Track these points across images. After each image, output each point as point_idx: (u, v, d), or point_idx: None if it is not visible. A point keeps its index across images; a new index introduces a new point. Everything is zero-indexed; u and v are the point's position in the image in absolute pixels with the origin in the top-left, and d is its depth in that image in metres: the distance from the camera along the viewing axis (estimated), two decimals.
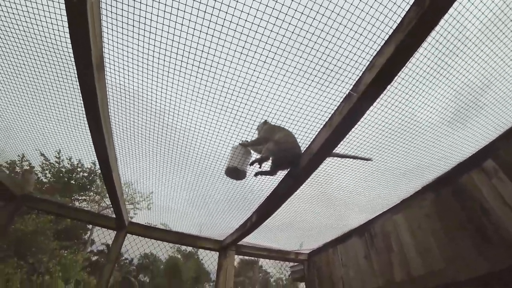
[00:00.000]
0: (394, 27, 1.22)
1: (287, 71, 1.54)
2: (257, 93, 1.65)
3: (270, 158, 1.88)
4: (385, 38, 1.26)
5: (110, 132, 2.06)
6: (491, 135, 2.12)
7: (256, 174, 1.98)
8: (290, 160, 1.84)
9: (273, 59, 1.48)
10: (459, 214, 2.21)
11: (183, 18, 1.35)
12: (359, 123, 1.53)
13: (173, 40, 1.45)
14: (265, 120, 1.92)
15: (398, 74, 1.34)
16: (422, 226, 2.49)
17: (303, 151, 1.81)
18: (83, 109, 1.72)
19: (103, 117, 1.76)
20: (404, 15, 1.17)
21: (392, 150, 2.21)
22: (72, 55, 1.35)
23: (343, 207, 3.11)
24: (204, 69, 1.57)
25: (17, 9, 1.52)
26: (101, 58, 1.50)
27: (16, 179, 3.56)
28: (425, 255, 2.39)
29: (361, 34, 1.37)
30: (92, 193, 16.98)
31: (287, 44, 1.42)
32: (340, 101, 1.51)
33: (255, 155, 2.07)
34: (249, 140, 1.96)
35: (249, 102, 1.70)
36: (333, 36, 1.38)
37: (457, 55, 1.57)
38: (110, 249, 3.33)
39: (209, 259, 3.79)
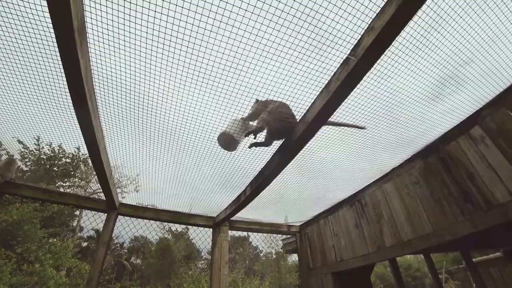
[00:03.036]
0: None
1: (281, 39, 1.48)
2: (244, 65, 1.58)
3: (265, 129, 1.86)
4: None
5: (96, 109, 1.95)
6: (479, 103, 2.17)
7: (251, 146, 1.96)
8: (285, 130, 1.82)
9: (262, 23, 1.40)
10: (446, 180, 2.30)
11: None
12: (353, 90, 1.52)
13: (161, 13, 1.35)
14: (257, 99, 1.88)
15: (396, 38, 1.32)
16: (411, 193, 2.58)
17: (298, 121, 1.79)
18: (65, 83, 1.60)
19: (88, 91, 1.65)
20: None
21: (383, 120, 2.23)
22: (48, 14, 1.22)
23: (333, 178, 3.17)
24: (190, 41, 1.48)
25: None
26: (82, 20, 1.38)
27: None
28: (414, 221, 2.50)
29: None
30: (76, 179, 16.57)
31: (276, 8, 1.35)
32: (337, 66, 1.48)
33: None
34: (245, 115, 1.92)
35: (237, 75, 1.63)
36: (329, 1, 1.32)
37: (449, 25, 1.56)
38: (101, 232, 3.28)
39: (200, 238, 3.83)
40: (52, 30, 1.29)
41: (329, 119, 1.65)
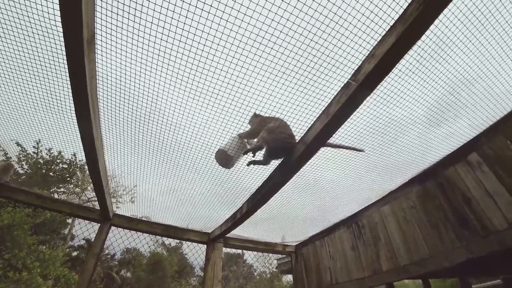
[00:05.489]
0: (395, 18, 1.23)
1: (285, 61, 1.52)
2: (247, 83, 1.62)
3: (264, 148, 1.87)
4: (386, 29, 1.26)
5: (98, 118, 1.97)
6: (477, 130, 2.20)
7: (249, 163, 1.96)
8: (284, 150, 1.83)
9: (266, 46, 1.45)
10: (443, 205, 2.30)
11: (181, 8, 1.30)
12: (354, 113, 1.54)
13: (169, 30, 1.39)
14: (255, 113, 1.90)
15: (396, 66, 1.36)
16: (408, 217, 2.56)
17: (298, 141, 1.81)
18: (69, 90, 1.63)
19: (91, 100, 1.68)
20: (406, 7, 1.18)
21: (381, 143, 2.25)
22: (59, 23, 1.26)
23: (330, 199, 3.15)
24: (196, 59, 1.52)
25: None
26: (92, 30, 1.42)
27: None
28: (410, 245, 2.46)
29: (360, 26, 1.36)
30: (72, 185, 16.40)
31: (281, 32, 1.39)
32: (338, 90, 1.51)
33: (249, 147, 2.05)
34: (243, 132, 1.94)
35: (239, 93, 1.67)
36: (332, 28, 1.37)
37: (445, 54, 1.61)
38: (93, 242, 3.22)
39: (194, 254, 3.75)
40: (62, 36, 1.33)
41: (328, 141, 1.66)
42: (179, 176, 2.71)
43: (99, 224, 3.17)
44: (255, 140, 1.96)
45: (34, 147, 13.07)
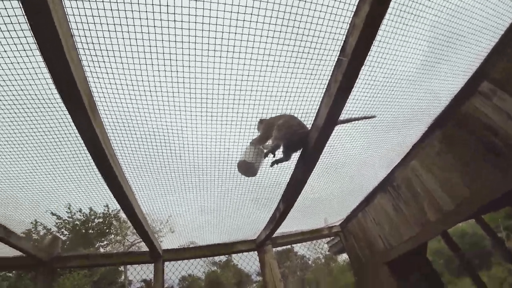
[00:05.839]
0: None
1: (270, 55, 1.56)
2: (252, 89, 1.67)
3: (281, 145, 1.92)
4: None
5: (120, 169, 2.08)
6: (478, 58, 2.16)
7: (272, 164, 2.02)
8: (299, 140, 1.88)
9: (252, 47, 1.49)
10: (469, 141, 2.27)
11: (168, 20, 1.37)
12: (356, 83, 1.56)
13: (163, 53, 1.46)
14: (260, 119, 1.95)
15: (379, 28, 1.37)
16: (438, 164, 2.54)
17: (310, 127, 1.85)
18: (89, 157, 1.73)
19: (110, 157, 1.77)
20: None
21: (390, 102, 2.25)
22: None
23: (358, 170, 3.16)
24: (201, 78, 1.59)
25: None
26: (90, 96, 1.50)
27: (39, 245, 3.58)
28: (450, 189, 2.45)
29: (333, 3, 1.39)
30: (112, 235, 16.99)
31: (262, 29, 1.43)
32: (331, 70, 1.54)
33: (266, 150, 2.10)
34: (254, 139, 2.01)
35: (243, 102, 1.73)
36: (308, 8, 1.40)
37: None
38: (153, 283, 3.36)
39: (247, 262, 3.84)
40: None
41: (338, 119, 1.69)
42: (209, 196, 2.79)
43: (152, 264, 3.32)
44: (269, 142, 2.01)
45: (67, 212, 13.63)
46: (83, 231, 15.00)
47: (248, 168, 2.04)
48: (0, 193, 2.49)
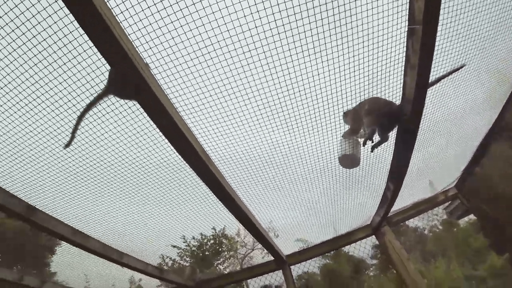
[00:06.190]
0: None
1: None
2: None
3: (376, 129, 1.92)
4: None
5: (235, 192, 2.35)
6: None
7: (373, 149, 2.02)
8: (391, 118, 1.85)
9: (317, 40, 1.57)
10: None
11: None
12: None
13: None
14: (344, 112, 1.99)
15: None
16: None
17: (401, 101, 1.81)
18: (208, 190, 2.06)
19: (227, 187, 2.07)
20: None
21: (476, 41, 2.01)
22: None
23: (463, 122, 2.84)
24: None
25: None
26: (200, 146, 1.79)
27: (183, 276, 4.28)
28: None
29: None
30: (225, 252, 18.56)
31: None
32: (405, 41, 1.51)
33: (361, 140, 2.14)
34: (345, 132, 2.07)
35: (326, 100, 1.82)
36: None
37: None
38: (285, 287, 3.63)
39: (359, 248, 3.81)
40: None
41: (429, 82, 1.62)
42: (309, 194, 2.91)
43: (280, 270, 3.60)
44: (362, 131, 2.03)
45: (184, 242, 15.52)
46: (201, 254, 16.81)
47: (351, 160, 2.13)
48: (138, 237, 3.11)
